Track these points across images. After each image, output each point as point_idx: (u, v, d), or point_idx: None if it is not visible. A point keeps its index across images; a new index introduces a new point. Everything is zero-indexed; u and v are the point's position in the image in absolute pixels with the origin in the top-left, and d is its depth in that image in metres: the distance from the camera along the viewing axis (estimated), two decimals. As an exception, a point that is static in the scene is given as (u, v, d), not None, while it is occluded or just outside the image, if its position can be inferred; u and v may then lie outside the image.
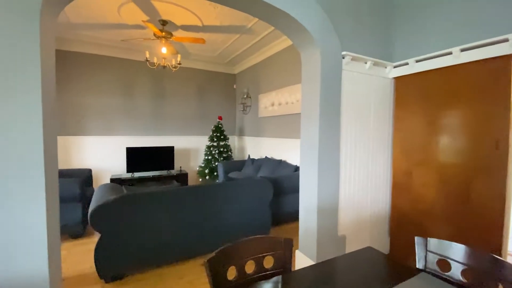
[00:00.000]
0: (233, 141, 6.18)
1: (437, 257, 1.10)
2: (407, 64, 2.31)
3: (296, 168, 3.67)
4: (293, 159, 4.07)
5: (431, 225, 2.17)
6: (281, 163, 4.08)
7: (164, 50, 3.69)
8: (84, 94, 4.62)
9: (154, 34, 3.55)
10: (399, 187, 2.45)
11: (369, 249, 1.31)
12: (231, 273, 0.98)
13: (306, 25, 1.89)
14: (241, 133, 6.03)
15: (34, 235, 1.13)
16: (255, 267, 1.08)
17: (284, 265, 1.13)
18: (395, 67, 2.43)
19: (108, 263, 2.01)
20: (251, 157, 5.29)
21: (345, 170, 2.19)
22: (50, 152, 1.23)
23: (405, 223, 2.39)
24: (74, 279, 2.10)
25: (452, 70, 2.01)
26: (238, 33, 4.07)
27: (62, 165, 4.48)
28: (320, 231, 2.03)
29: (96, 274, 2.02)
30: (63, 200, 2.75)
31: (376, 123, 2.39)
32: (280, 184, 3.08)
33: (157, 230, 2.16)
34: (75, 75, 4.54)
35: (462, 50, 1.91)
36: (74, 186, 2.85)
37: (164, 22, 3.63)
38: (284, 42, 4.27)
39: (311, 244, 2.08)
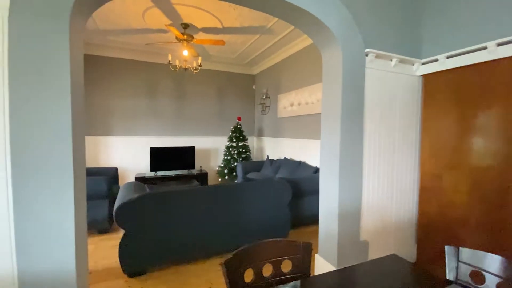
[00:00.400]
0: (252, 141, 6.19)
1: (470, 269, 1.02)
2: (436, 60, 2.17)
3: (316, 170, 3.59)
4: (313, 161, 3.99)
5: (463, 233, 2.02)
6: (300, 164, 4.01)
7: (185, 52, 3.78)
8: (111, 97, 4.87)
9: (176, 38, 3.65)
10: (427, 192, 2.31)
11: (394, 256, 1.24)
12: (248, 276, 0.97)
13: (327, 22, 1.84)
14: (260, 134, 6.03)
15: (63, 231, 1.20)
16: (272, 270, 1.06)
17: (303, 270, 1.10)
18: (423, 64, 2.29)
19: (131, 259, 2.08)
20: (269, 157, 5.26)
21: (369, 172, 2.10)
22: (78, 152, 1.29)
23: (434, 230, 2.24)
24: (100, 273, 2.21)
25: (487, 66, 1.86)
26: (258, 34, 4.08)
27: (91, 164, 4.75)
28: (341, 235, 1.97)
29: (120, 268, 2.11)
30: (91, 197, 2.91)
31: (402, 123, 2.27)
32: (299, 185, 3.03)
33: (177, 228, 2.21)
34: (104, 79, 4.80)
35: (499, 45, 1.76)
36: (101, 184, 3.00)
37: (185, 26, 3.72)
38: (304, 41, 4.20)
39: (331, 249, 2.02)
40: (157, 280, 2.11)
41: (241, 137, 5.24)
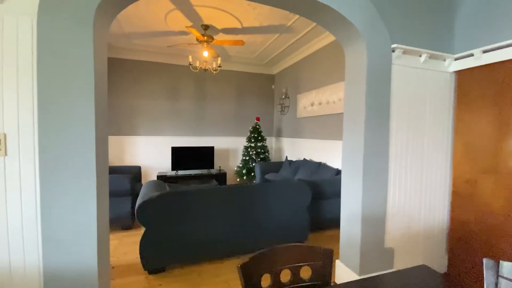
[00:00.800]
0: (270, 142, 6.14)
1: (514, 286, 0.90)
2: (471, 55, 1.99)
3: (338, 172, 3.47)
4: (334, 162, 3.86)
5: (502, 243, 1.84)
6: (320, 165, 3.90)
7: (205, 53, 3.82)
8: (136, 98, 5.06)
9: (197, 39, 3.71)
10: (460, 197, 2.13)
11: (424, 267, 1.15)
12: (265, 281, 0.93)
13: (350, 17, 1.76)
14: (278, 134, 5.97)
15: (85, 228, 1.24)
16: (291, 276, 1.02)
17: (323, 278, 1.04)
18: (456, 59, 2.12)
19: (151, 256, 2.13)
20: (288, 158, 5.18)
21: (395, 176, 1.98)
22: (101, 151, 1.33)
23: (468, 239, 2.06)
24: (122, 268, 2.28)
25: (534, 59, 1.67)
26: (277, 33, 4.03)
27: (116, 162, 4.96)
28: (364, 241, 1.87)
29: (141, 265, 2.16)
30: (115, 194, 3.02)
31: (432, 124, 2.12)
32: (320, 188, 2.93)
33: (195, 227, 2.22)
34: (129, 81, 5.00)
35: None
36: (125, 182, 3.11)
37: (206, 27, 3.76)
38: (325, 39, 4.09)
39: (353, 255, 1.93)
40: (175, 278, 2.13)
41: (259, 138, 5.21)
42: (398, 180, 2.00)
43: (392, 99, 1.95)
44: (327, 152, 4.09)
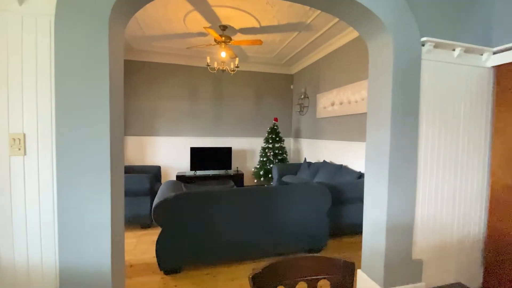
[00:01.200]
0: (288, 143, 6.03)
1: None
2: (514, 48, 1.79)
3: (360, 175, 3.29)
4: (355, 165, 3.68)
5: (553, 260, 1.61)
6: (341, 168, 3.74)
7: (223, 54, 3.81)
8: (156, 99, 5.19)
9: (215, 40, 3.70)
10: (499, 206, 1.92)
11: (459, 286, 1.01)
12: (279, 294, 0.86)
13: (375, 9, 1.64)
14: (297, 135, 5.84)
15: (99, 226, 1.24)
16: (307, 290, 0.94)
17: (343, 293, 0.95)
18: (494, 53, 1.92)
19: (167, 256, 2.13)
20: (307, 160, 5.04)
21: (424, 182, 1.82)
22: (116, 152, 1.33)
23: (507, 252, 1.84)
24: (139, 267, 2.30)
25: None
26: (296, 31, 3.92)
27: (137, 162, 5.12)
28: (390, 251, 1.73)
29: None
30: (135, 193, 3.09)
31: (468, 125, 1.93)
32: (340, 192, 2.79)
33: (210, 229, 2.19)
34: (150, 83, 5.14)
35: None
36: (144, 181, 3.17)
37: (224, 27, 3.75)
38: (346, 36, 3.92)
39: (377, 266, 1.79)
40: (191, 280, 2.12)
41: (277, 138, 5.12)
42: (429, 186, 1.83)
43: (422, 97, 1.79)
44: (348, 154, 3.91)
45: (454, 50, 1.85)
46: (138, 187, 3.11)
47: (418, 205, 1.81)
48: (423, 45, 1.77)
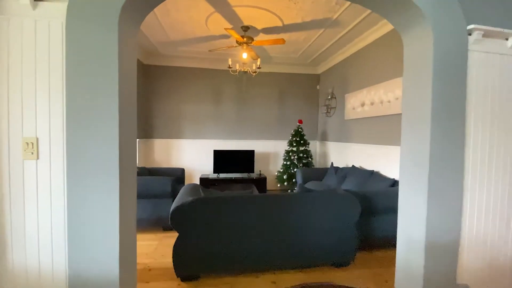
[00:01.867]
0: (314, 146, 5.78)
1: None
2: None
3: (394, 183, 2.99)
4: (388, 171, 3.37)
5: None
6: (372, 174, 3.45)
7: (244, 55, 3.74)
8: (181, 103, 5.31)
9: (236, 41, 3.65)
10: None
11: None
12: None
13: (411, -5, 1.43)
14: (323, 138, 5.57)
15: (107, 230, 1.21)
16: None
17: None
18: None
19: (183, 262, 2.07)
20: (334, 165, 4.77)
21: (472, 195, 1.55)
22: (126, 155, 1.29)
23: None
24: (158, 271, 2.28)
25: None
26: (322, 28, 3.72)
27: (163, 164, 5.28)
28: (429, 274, 1.48)
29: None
30: (157, 195, 3.14)
31: (528, 125, 1.62)
32: (371, 201, 2.54)
33: (227, 236, 2.10)
34: (175, 87, 5.28)
35: None
36: (166, 184, 3.19)
37: (246, 28, 3.68)
38: (377, 31, 3.63)
39: (413, 289, 1.55)
40: (208, 288, 2.04)
41: (302, 141, 4.92)
42: (478, 200, 1.56)
43: (469, 94, 1.53)
44: (380, 159, 3.60)
45: (507, 39, 1.57)
46: (161, 190, 3.15)
47: (465, 221, 1.54)
48: (469, 34, 1.52)
